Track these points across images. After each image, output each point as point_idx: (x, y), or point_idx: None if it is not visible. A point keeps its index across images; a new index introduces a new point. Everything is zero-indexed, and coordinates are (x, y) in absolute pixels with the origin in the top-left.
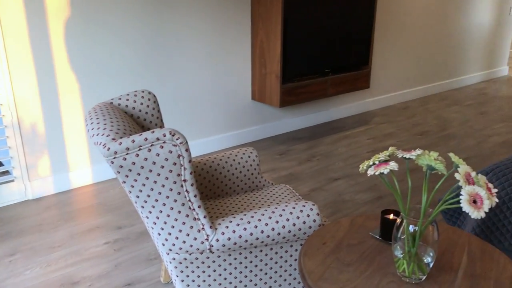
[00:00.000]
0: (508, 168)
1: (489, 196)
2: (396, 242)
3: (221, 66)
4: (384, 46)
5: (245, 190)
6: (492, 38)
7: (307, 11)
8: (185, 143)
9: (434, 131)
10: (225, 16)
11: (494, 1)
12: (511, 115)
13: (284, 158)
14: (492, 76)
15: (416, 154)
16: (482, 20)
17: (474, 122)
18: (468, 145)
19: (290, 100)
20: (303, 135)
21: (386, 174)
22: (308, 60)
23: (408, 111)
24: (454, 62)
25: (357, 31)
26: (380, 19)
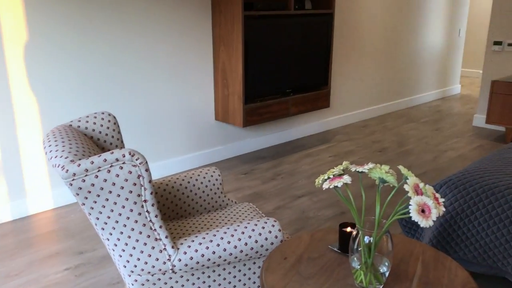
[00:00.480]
0: (460, 181)
1: (436, 205)
2: (353, 254)
3: (184, 87)
4: (343, 67)
5: (208, 210)
6: (444, 58)
7: (268, 33)
8: (145, 163)
9: (393, 148)
10: (187, 38)
11: (444, 24)
12: (465, 130)
13: (249, 177)
14: (446, 94)
15: (368, 168)
16: (434, 42)
17: (430, 138)
18: (425, 160)
19: (253, 120)
20: (267, 154)
21: (340, 188)
22: (270, 80)
23: (368, 129)
24: (410, 81)
25: (316, 53)
26: (337, 41)
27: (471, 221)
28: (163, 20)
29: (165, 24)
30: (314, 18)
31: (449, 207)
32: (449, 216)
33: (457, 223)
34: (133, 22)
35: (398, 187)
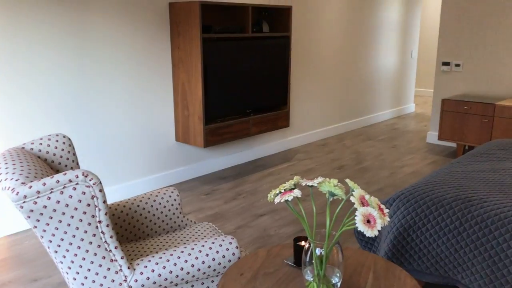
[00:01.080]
0: (412, 194)
1: (381, 215)
2: (306, 266)
3: (144, 108)
4: (301, 88)
5: (167, 230)
6: (399, 79)
7: (227, 55)
8: (99, 183)
9: (351, 165)
10: (146, 60)
11: (397, 46)
12: (419, 147)
13: (210, 198)
14: (401, 112)
15: (318, 182)
16: (389, 63)
17: (387, 155)
18: (381, 176)
19: (214, 140)
20: (229, 174)
21: (291, 201)
22: (230, 101)
23: (327, 147)
24: (367, 101)
25: (275, 74)
26: (296, 62)
27: (423, 233)
28: (121, 43)
29: (124, 46)
30: (272, 41)
31: (402, 220)
32: (402, 229)
33: (410, 235)
34: (91, 44)
35: (346, 199)
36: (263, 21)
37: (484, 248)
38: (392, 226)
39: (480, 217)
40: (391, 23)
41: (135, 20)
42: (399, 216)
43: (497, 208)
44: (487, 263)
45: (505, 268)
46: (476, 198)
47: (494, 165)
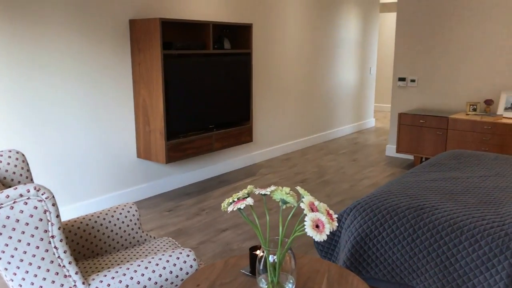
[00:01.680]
0: (367, 204)
1: (329, 221)
2: (260, 274)
3: (104, 125)
4: (264, 103)
5: (125, 246)
6: (359, 94)
7: (188, 71)
8: (52, 197)
9: (313, 178)
10: (106, 76)
11: (356, 63)
12: (379, 160)
13: (173, 214)
14: (362, 127)
15: (271, 190)
16: (349, 79)
17: (347, 169)
18: (342, 189)
19: (176, 156)
20: (192, 190)
21: (244, 209)
22: (192, 117)
23: (290, 162)
24: (328, 116)
25: (237, 90)
26: (258, 78)
27: (379, 241)
28: (81, 58)
29: (84, 62)
30: (234, 57)
31: (359, 229)
32: (359, 238)
33: (367, 244)
34: (50, 59)
35: (297, 206)
36: (224, 38)
37: (436, 254)
38: (349, 235)
39: (431, 224)
40: (350, 41)
41: (95, 37)
42: (356, 225)
43: (447, 215)
44: (439, 268)
45: (456, 272)
46: (428, 206)
47: (445, 175)
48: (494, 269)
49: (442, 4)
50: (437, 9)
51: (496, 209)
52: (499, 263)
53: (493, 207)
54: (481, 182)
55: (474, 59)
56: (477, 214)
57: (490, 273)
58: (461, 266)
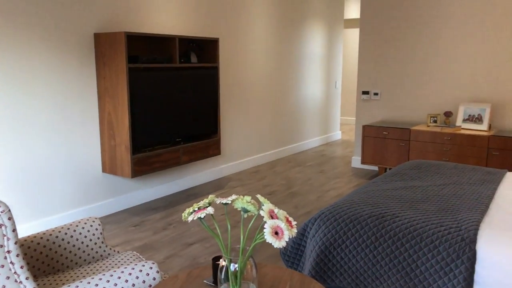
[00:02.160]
0: (331, 213)
1: (288, 227)
2: (221, 284)
3: (68, 139)
4: (232, 116)
5: (88, 261)
6: (325, 108)
7: (154, 85)
8: (8, 211)
9: (281, 190)
10: (70, 90)
11: (322, 77)
12: (345, 171)
13: (139, 229)
14: (329, 140)
15: (232, 199)
16: (315, 93)
17: (315, 180)
18: (310, 200)
19: (142, 170)
20: (159, 205)
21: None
22: (159, 130)
23: (258, 174)
24: (296, 129)
25: (204, 103)
26: (226, 92)
27: (343, 250)
28: (44, 72)
29: (47, 76)
30: (200, 71)
31: (323, 238)
32: (323, 247)
33: (331, 252)
34: (12, 72)
35: (257, 214)
36: (191, 52)
37: (397, 261)
38: (314, 244)
39: (392, 232)
40: (316, 56)
41: (59, 50)
42: (320, 235)
43: (407, 222)
44: (401, 274)
45: (417, 278)
46: (389, 214)
47: (406, 184)
48: (452, 273)
49: (402, 21)
50: (398, 26)
51: (453, 215)
52: (456, 267)
53: (451, 214)
54: (440, 190)
55: (433, 73)
56: (436, 220)
57: (448, 277)
58: (421, 272)
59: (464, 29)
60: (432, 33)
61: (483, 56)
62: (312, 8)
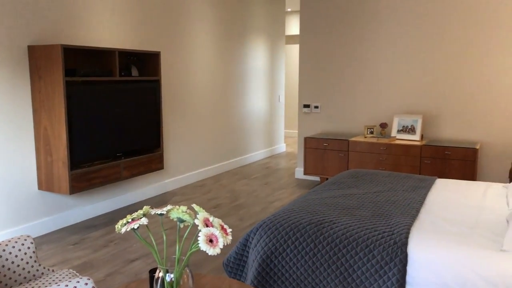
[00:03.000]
0: (272, 222)
1: (223, 235)
2: None
3: (1, 155)
4: (176, 130)
5: (19, 282)
6: (269, 121)
7: (94, 99)
8: None
9: (226, 203)
10: (2, 104)
11: (266, 91)
12: (289, 182)
13: (78, 248)
14: (274, 152)
15: (167, 209)
16: (259, 106)
17: (260, 192)
18: (254, 211)
19: (81, 186)
20: (100, 222)
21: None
22: (99, 145)
23: (204, 188)
24: (241, 142)
25: (146, 117)
26: (169, 105)
27: (283, 258)
28: None
29: None
30: (142, 84)
31: (264, 247)
32: (265, 256)
33: (272, 261)
34: None
35: (192, 224)
36: (132, 66)
37: (335, 266)
38: (256, 254)
39: (330, 238)
40: (259, 70)
41: None
42: (262, 244)
43: (344, 228)
44: (339, 279)
45: (354, 282)
46: (327, 221)
47: (344, 192)
48: (386, 275)
49: (338, 37)
50: (335, 42)
51: (387, 220)
52: (390, 269)
53: (384, 219)
54: (375, 197)
55: (369, 87)
56: (370, 226)
57: (383, 280)
58: (358, 276)
59: (396, 46)
60: (366, 49)
61: (414, 70)
62: (255, 24)
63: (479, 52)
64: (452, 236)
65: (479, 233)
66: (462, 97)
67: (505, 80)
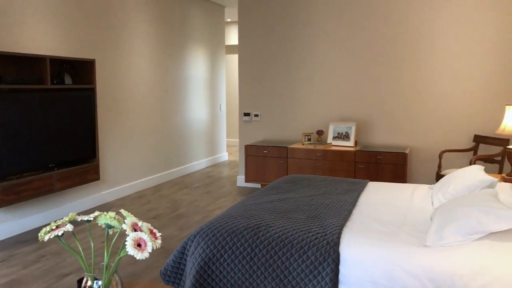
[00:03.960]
0: (210, 228)
1: (152, 239)
2: None
3: None
4: (114, 140)
5: None
6: (211, 130)
7: (22, 107)
8: None
9: (166, 213)
10: None
11: (207, 100)
12: (231, 191)
13: (6, 265)
14: (216, 161)
15: (94, 216)
16: (200, 116)
17: (201, 201)
18: (195, 220)
19: (9, 200)
20: (31, 237)
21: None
22: (28, 156)
23: (143, 199)
24: (182, 151)
25: (80, 126)
26: (105, 114)
27: (221, 263)
28: None
29: None
30: (76, 93)
31: (202, 254)
32: (203, 262)
33: (210, 267)
34: None
35: (120, 229)
36: (65, 73)
37: (272, 269)
38: (194, 261)
39: (266, 241)
40: (200, 79)
41: None
42: (199, 250)
43: (280, 231)
44: (276, 282)
45: (290, 283)
46: (263, 225)
47: (281, 196)
48: (320, 275)
49: (276, 47)
50: (272, 52)
51: (320, 222)
52: (323, 269)
53: (318, 221)
54: (310, 201)
55: (306, 95)
56: (305, 228)
57: (317, 280)
58: (293, 277)
59: (331, 56)
60: (303, 59)
61: (348, 79)
62: (195, 33)
63: (408, 63)
64: (381, 235)
65: (405, 231)
66: (393, 105)
67: (433, 88)
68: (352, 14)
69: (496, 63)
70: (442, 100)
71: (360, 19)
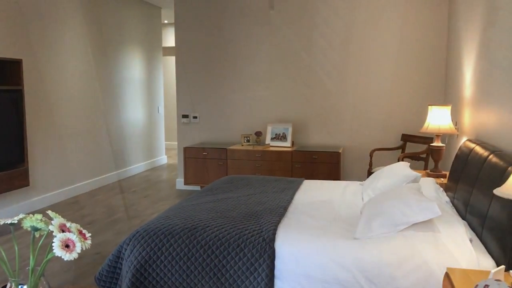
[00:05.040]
0: (146, 231)
1: (81, 239)
2: None
3: None
4: (45, 144)
5: None
6: (149, 133)
7: None
8: None
9: (102, 219)
10: None
11: (144, 102)
12: (169, 194)
13: None
14: (155, 164)
15: (19, 218)
16: (138, 118)
17: (139, 205)
18: (133, 225)
19: None
20: None
21: None
22: None
23: (77, 205)
24: (119, 155)
25: (6, 130)
26: (34, 117)
27: (158, 265)
28: None
29: None
30: (1, 95)
31: (138, 257)
32: (139, 265)
33: (147, 270)
34: None
35: (48, 231)
36: None
37: (209, 268)
38: (129, 265)
39: (203, 241)
40: (137, 81)
41: None
42: (135, 253)
43: (217, 230)
44: (213, 281)
45: (227, 282)
46: (200, 225)
47: (219, 197)
48: (256, 271)
49: (213, 49)
50: (210, 54)
51: (257, 220)
52: (259, 265)
53: (255, 219)
54: (248, 200)
55: (245, 97)
56: (242, 226)
57: (253, 276)
58: (230, 275)
59: (267, 58)
60: (240, 61)
61: (285, 82)
62: (131, 34)
63: (339, 67)
64: (313, 230)
65: (337, 225)
66: (326, 107)
67: (363, 91)
68: (285, 20)
69: (421, 66)
70: (372, 102)
71: (292, 25)
